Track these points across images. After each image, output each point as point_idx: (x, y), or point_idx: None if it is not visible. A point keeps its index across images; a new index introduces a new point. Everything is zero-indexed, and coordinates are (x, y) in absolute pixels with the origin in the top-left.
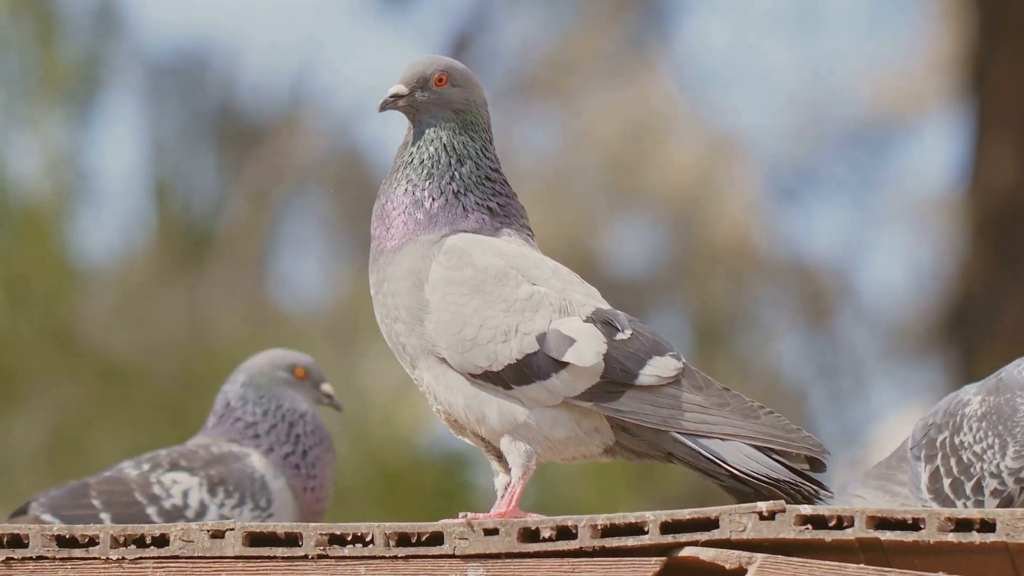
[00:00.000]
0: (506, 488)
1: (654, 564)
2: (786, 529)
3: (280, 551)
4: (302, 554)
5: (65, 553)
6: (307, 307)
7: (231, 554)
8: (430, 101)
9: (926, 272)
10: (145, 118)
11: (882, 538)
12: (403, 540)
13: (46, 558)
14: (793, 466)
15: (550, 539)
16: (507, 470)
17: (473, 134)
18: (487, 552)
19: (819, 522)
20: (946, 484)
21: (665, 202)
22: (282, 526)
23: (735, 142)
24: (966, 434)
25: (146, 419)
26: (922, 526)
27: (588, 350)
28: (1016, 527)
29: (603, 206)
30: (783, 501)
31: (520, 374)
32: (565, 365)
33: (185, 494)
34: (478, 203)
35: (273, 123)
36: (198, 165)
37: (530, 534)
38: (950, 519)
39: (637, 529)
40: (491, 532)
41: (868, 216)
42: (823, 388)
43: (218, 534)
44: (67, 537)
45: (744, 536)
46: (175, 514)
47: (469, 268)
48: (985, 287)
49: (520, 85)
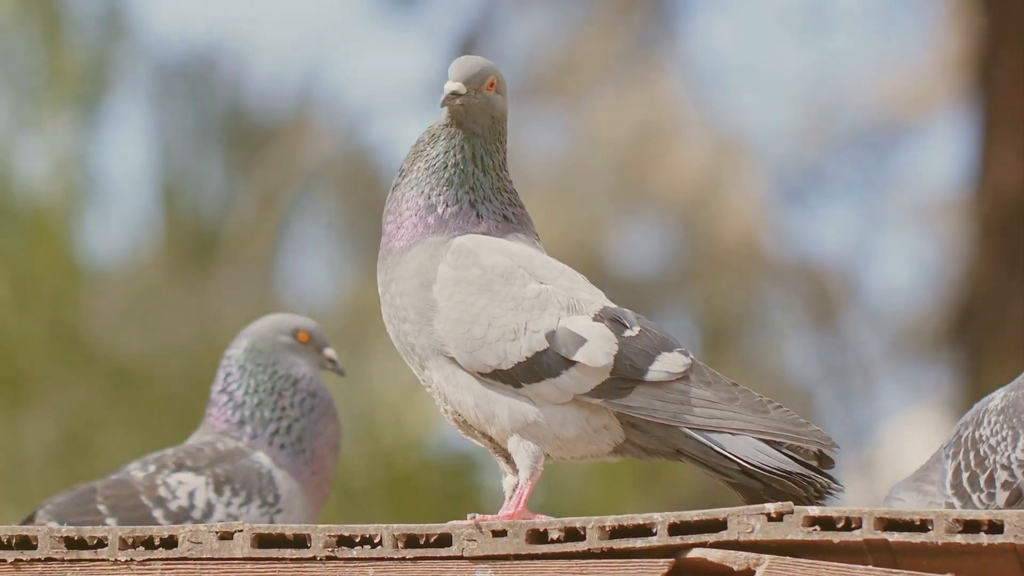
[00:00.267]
0: (514, 489)
1: (662, 565)
2: (794, 530)
3: (288, 552)
4: (310, 555)
5: (73, 555)
6: (315, 308)
7: (240, 555)
8: (480, 104)
9: (933, 273)
10: (153, 119)
11: (890, 539)
12: (411, 541)
13: (54, 559)
14: (804, 460)
15: (558, 540)
16: (515, 471)
17: (498, 144)
18: (495, 553)
19: (827, 523)
20: (964, 478)
21: (672, 203)
22: (291, 528)
23: (742, 143)
24: (985, 428)
25: (155, 420)
26: (930, 527)
27: (599, 350)
28: None
29: (610, 207)
30: (791, 502)
31: (530, 372)
32: (575, 363)
33: (191, 495)
34: (493, 212)
35: (281, 125)
36: (206, 166)
37: (538, 535)
38: (958, 520)
39: (645, 531)
40: (499, 533)
41: (875, 217)
42: (830, 389)
43: (227, 535)
44: (75, 539)
45: (752, 537)
46: (181, 515)
47: (476, 267)
48: (992, 288)
49: (527, 86)
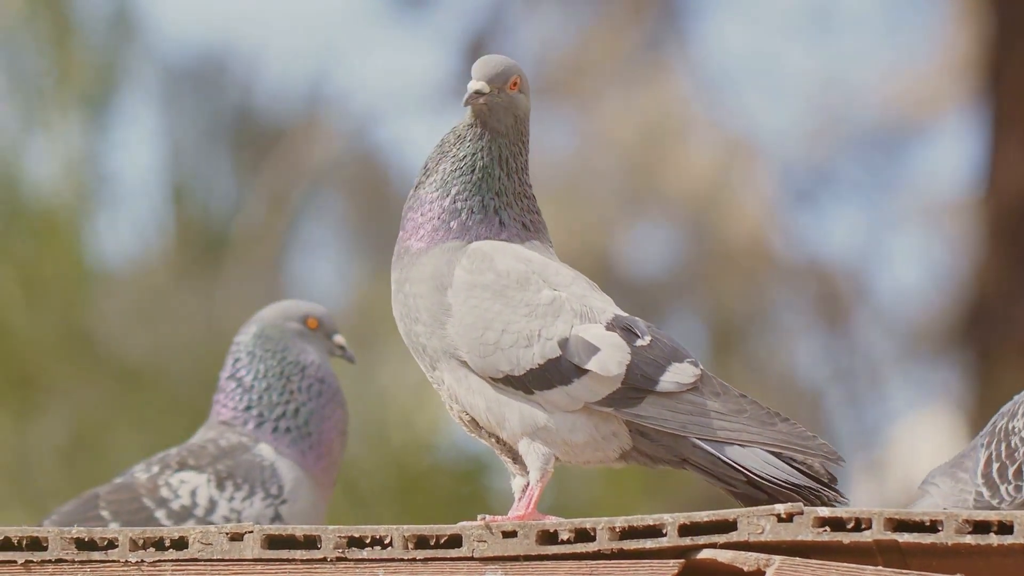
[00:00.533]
0: (523, 490)
1: (672, 566)
2: (804, 531)
3: (298, 554)
4: (320, 556)
5: (84, 556)
6: None
7: (249, 556)
8: (503, 104)
9: (942, 274)
10: (162, 121)
11: (900, 540)
12: (421, 542)
13: (65, 561)
14: (810, 473)
15: (568, 541)
16: (524, 472)
17: (521, 145)
18: (505, 554)
19: (837, 524)
20: (995, 469)
21: (681, 204)
22: (301, 529)
23: (751, 144)
24: (1019, 419)
25: (164, 421)
26: (940, 528)
27: (611, 359)
28: None
29: (619, 208)
30: (801, 503)
31: (542, 379)
32: (587, 372)
33: (193, 493)
34: (513, 219)
35: (290, 126)
36: (215, 168)
37: (548, 536)
38: (968, 521)
39: (655, 531)
40: (509, 534)
41: (884, 218)
42: (839, 390)
43: (237, 536)
44: (86, 540)
45: (762, 538)
46: (184, 514)
47: (491, 272)
48: (1001, 289)
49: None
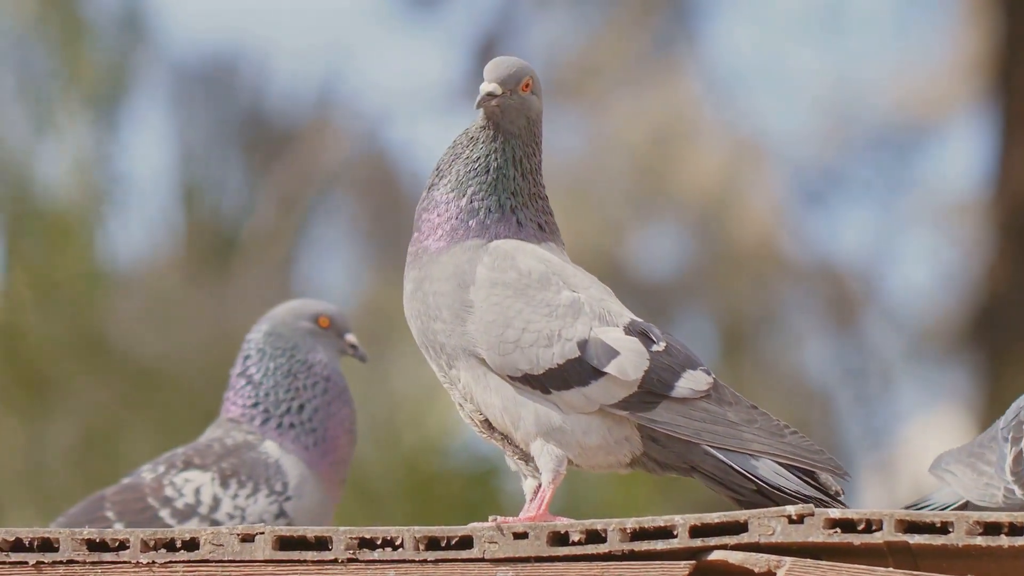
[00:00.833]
0: (535, 492)
1: (683, 568)
2: (815, 533)
3: (310, 555)
4: (332, 558)
5: (95, 557)
6: None
7: (261, 558)
8: (515, 105)
9: (952, 274)
10: (173, 123)
11: (911, 542)
12: (433, 544)
13: (76, 562)
14: (818, 486)
15: (579, 543)
16: (535, 474)
17: (534, 146)
18: (516, 556)
19: (848, 526)
20: None
21: (691, 205)
22: (312, 530)
23: (761, 145)
24: None
25: (175, 422)
26: (951, 529)
27: (630, 363)
28: None
29: (629, 210)
30: (812, 505)
31: (560, 379)
32: (605, 374)
33: (197, 491)
34: (530, 219)
35: (300, 128)
36: (226, 169)
37: (559, 538)
38: (978, 522)
39: (666, 533)
40: (520, 536)
41: (894, 219)
42: (849, 391)
43: (248, 538)
44: (97, 541)
45: (773, 540)
46: (188, 512)
47: (513, 271)
48: (1011, 289)
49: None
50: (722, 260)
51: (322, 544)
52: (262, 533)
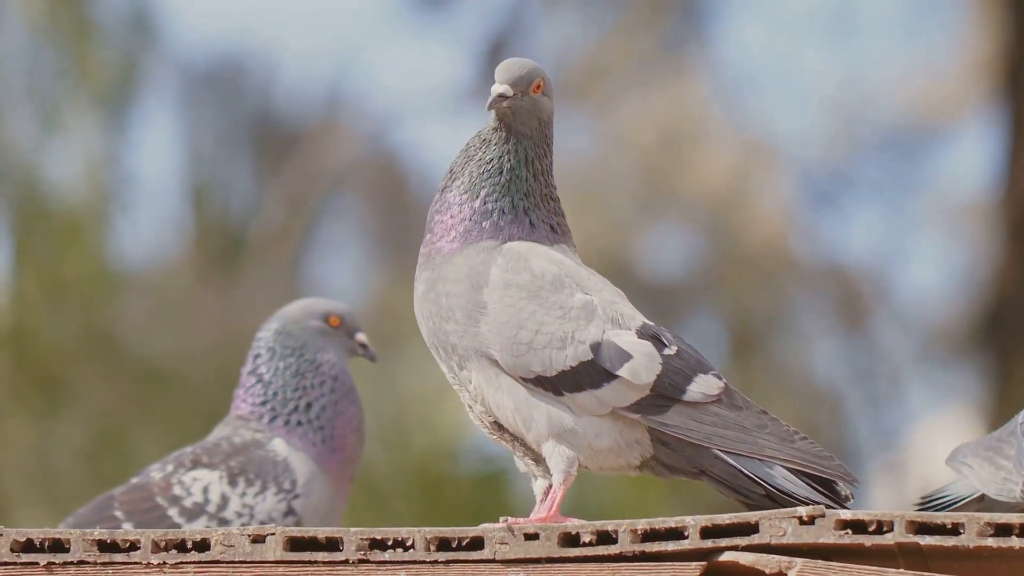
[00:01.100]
0: (545, 493)
1: (694, 569)
2: (826, 534)
3: (321, 556)
4: (343, 559)
5: (106, 558)
6: None
7: (272, 559)
8: (527, 107)
9: (961, 276)
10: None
11: (921, 543)
12: (444, 545)
13: (87, 563)
14: (827, 492)
15: (590, 544)
16: (545, 475)
17: (546, 147)
18: (527, 556)
19: (859, 527)
20: None
21: (700, 207)
22: (323, 531)
23: (770, 146)
24: None
25: (184, 421)
26: (961, 531)
27: (643, 367)
28: None
29: (638, 211)
30: (823, 506)
31: (573, 381)
32: (617, 377)
33: (205, 490)
34: (542, 220)
35: (309, 128)
36: (234, 170)
37: (570, 539)
38: (989, 524)
39: (677, 534)
40: (531, 537)
41: (903, 220)
42: (859, 392)
43: (259, 539)
44: (108, 542)
45: (784, 541)
46: (196, 511)
47: (527, 273)
48: (1020, 290)
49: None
50: (731, 261)
51: (333, 545)
52: (273, 534)
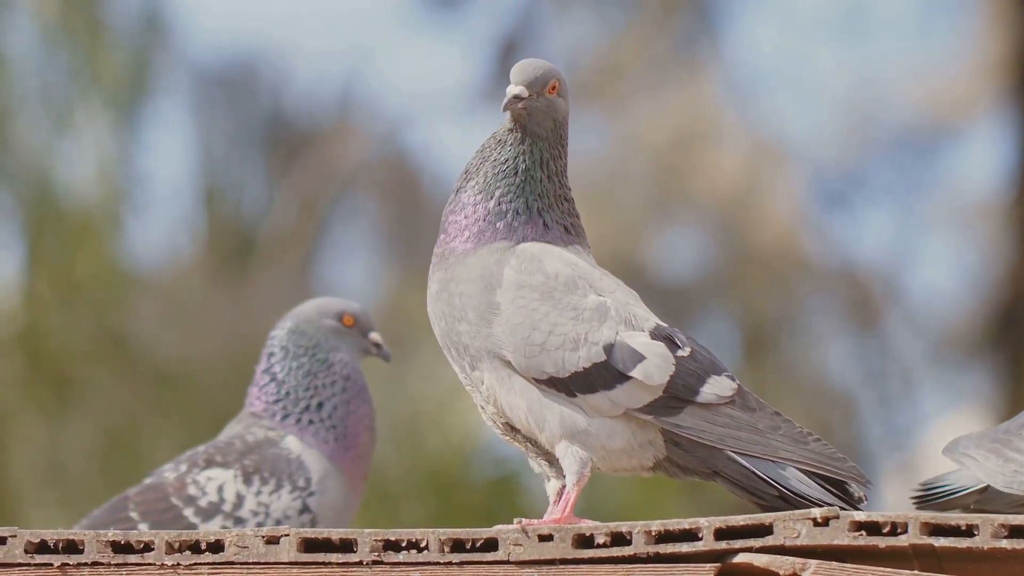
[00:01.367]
0: (558, 494)
1: (708, 570)
2: (840, 535)
3: (335, 557)
4: (357, 560)
5: (120, 559)
6: None
7: (286, 560)
8: (542, 108)
9: (974, 276)
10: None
11: (936, 544)
12: (458, 546)
13: (101, 564)
14: (840, 494)
15: (604, 545)
16: (559, 476)
17: (560, 148)
18: (541, 558)
19: (873, 528)
20: None
21: (712, 207)
22: (337, 532)
23: (782, 147)
24: None
25: (195, 421)
26: (976, 532)
27: (656, 368)
28: None
29: (650, 211)
30: (837, 507)
31: (586, 382)
32: (630, 378)
33: (220, 489)
34: (556, 221)
35: (321, 129)
36: (246, 170)
37: (584, 540)
38: (1003, 525)
39: (691, 535)
40: (546, 538)
41: (915, 221)
42: (871, 393)
43: (273, 540)
44: (122, 543)
45: (798, 542)
46: (212, 511)
47: (540, 274)
48: None
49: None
50: (743, 262)
51: (347, 546)
52: (287, 535)
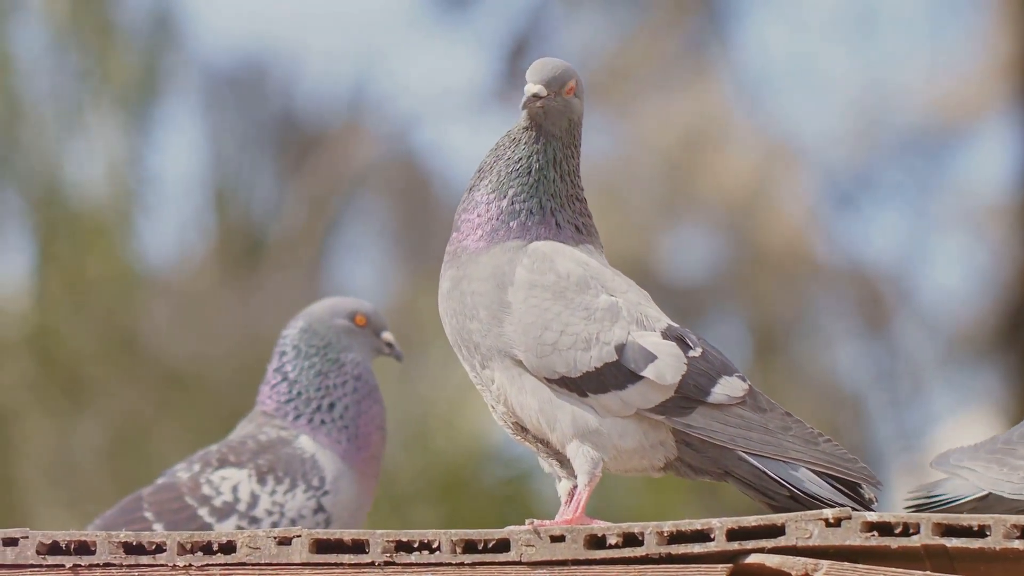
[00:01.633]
0: (570, 494)
1: (720, 571)
2: (852, 536)
3: (347, 558)
4: (368, 561)
5: (132, 560)
6: None
7: (297, 561)
8: (559, 108)
9: (984, 277)
10: (204, 124)
11: (948, 545)
12: (470, 547)
13: (113, 565)
14: (851, 494)
15: (616, 546)
16: (570, 476)
17: (574, 148)
18: (553, 559)
19: (885, 529)
20: None
21: (722, 208)
22: (349, 533)
23: (792, 148)
24: None
25: (205, 422)
26: (988, 533)
27: (668, 368)
28: None
29: (659, 212)
30: (849, 508)
31: (597, 382)
32: (642, 378)
33: (235, 489)
34: (568, 221)
35: (331, 129)
36: (256, 171)
37: (597, 541)
38: (1016, 526)
39: (703, 536)
40: (558, 539)
41: (925, 221)
42: (881, 394)
43: (285, 541)
44: (134, 544)
45: (810, 543)
46: (227, 510)
47: (552, 273)
48: None
49: None
50: (753, 263)
51: (359, 547)
52: (299, 536)
